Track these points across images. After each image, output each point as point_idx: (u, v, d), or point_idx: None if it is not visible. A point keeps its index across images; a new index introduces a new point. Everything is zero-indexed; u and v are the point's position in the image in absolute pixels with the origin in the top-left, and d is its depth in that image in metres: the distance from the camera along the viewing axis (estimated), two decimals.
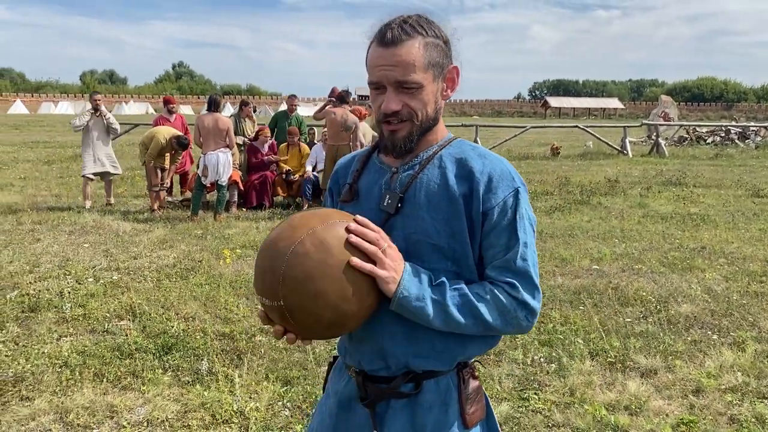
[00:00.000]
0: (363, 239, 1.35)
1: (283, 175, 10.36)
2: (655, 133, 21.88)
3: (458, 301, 1.41)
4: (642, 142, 24.63)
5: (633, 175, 14.61)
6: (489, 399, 1.61)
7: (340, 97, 9.51)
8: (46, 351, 4.29)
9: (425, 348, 1.46)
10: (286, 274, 1.31)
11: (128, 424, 3.42)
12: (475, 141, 20.86)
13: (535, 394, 3.75)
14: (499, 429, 1.62)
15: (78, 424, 3.41)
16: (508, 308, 1.43)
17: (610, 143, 21.31)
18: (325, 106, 10.03)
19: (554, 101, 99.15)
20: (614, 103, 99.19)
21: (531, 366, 4.13)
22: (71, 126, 9.97)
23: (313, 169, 10.26)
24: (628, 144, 20.54)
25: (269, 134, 10.62)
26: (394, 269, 1.37)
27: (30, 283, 5.81)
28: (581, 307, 5.26)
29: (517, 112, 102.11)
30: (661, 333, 4.70)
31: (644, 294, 5.57)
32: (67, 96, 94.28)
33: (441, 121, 1.53)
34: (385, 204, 1.48)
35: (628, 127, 21.66)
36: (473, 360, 1.56)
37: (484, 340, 1.51)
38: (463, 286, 1.43)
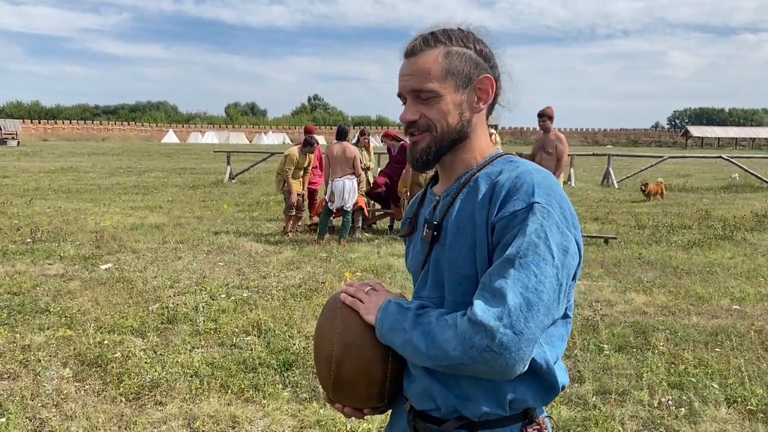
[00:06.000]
0: (348, 294, 1.44)
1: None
2: None
3: (424, 328, 1.27)
4: None
5: None
6: None
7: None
8: (179, 360, 4.60)
9: (470, 386, 1.30)
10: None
11: None
12: (607, 171, 20.08)
13: None
14: None
15: (203, 431, 3.62)
16: (464, 333, 1.18)
17: (759, 175, 19.67)
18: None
19: (696, 130, 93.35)
20: (765, 132, 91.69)
21: (657, 408, 3.87)
22: None
23: None
24: None
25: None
26: (374, 303, 1.39)
27: (170, 297, 6.27)
28: (718, 349, 4.87)
29: (655, 141, 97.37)
30: None
31: None
32: (213, 126, 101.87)
33: (481, 138, 1.41)
34: (423, 234, 1.43)
35: None
36: (544, 416, 1.37)
37: (537, 381, 1.30)
38: (441, 312, 1.30)
